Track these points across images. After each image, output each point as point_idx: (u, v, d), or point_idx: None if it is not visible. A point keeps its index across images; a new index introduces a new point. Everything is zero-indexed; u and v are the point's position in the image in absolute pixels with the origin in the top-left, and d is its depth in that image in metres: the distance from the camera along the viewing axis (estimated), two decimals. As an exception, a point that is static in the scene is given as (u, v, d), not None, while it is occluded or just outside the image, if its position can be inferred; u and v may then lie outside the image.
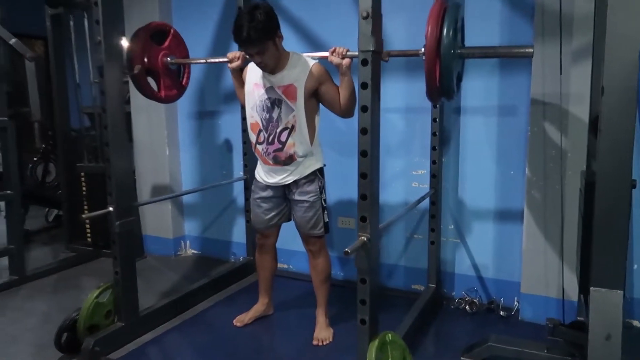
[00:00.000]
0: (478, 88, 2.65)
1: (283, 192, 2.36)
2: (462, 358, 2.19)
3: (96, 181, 3.54)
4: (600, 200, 1.61)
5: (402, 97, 2.84)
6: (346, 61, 2.06)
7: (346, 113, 2.20)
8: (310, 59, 2.23)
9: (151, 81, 2.63)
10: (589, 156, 2.03)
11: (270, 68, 2.18)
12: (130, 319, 2.39)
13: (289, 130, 2.22)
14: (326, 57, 2.11)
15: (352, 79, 2.09)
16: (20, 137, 5.42)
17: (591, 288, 1.63)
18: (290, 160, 2.26)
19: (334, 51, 2.07)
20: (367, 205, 1.72)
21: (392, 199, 2.92)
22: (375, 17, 1.63)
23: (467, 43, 2.62)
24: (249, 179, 3.09)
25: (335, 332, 2.43)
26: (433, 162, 2.67)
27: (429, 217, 2.73)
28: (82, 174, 3.67)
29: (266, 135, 2.27)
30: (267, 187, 2.37)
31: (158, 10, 3.44)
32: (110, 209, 2.28)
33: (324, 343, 2.37)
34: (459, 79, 2.03)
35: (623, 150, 1.44)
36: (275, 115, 2.23)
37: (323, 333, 2.40)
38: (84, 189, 3.69)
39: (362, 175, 1.72)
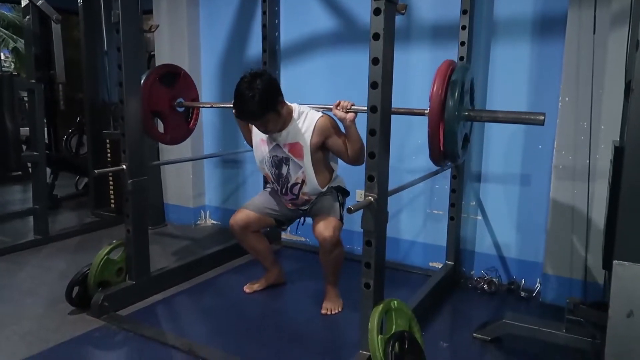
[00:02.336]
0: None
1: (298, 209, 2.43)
2: (474, 334, 2.10)
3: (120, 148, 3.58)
4: (629, 166, 1.48)
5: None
6: (350, 115, 2.03)
7: (355, 162, 2.17)
8: (315, 111, 2.21)
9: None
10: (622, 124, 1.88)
11: (274, 132, 2.18)
12: (141, 277, 2.41)
13: (299, 184, 2.27)
14: (330, 109, 2.10)
15: (357, 131, 2.07)
16: (55, 105, 5.54)
17: (614, 262, 1.51)
18: (307, 202, 2.35)
19: (338, 105, 2.06)
20: (374, 164, 1.64)
21: (411, 175, 2.82)
22: (390, -37, 1.54)
23: (499, 10, 2.51)
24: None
25: (346, 305, 2.37)
26: (456, 134, 2.55)
27: (450, 192, 2.62)
28: (108, 140, 3.73)
29: (279, 187, 2.34)
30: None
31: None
32: (124, 166, 2.28)
33: (333, 312, 2.31)
34: (466, 140, 2.00)
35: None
36: (284, 171, 2.27)
37: (331, 303, 2.34)
38: (108, 155, 3.75)
39: (371, 132, 1.63)
